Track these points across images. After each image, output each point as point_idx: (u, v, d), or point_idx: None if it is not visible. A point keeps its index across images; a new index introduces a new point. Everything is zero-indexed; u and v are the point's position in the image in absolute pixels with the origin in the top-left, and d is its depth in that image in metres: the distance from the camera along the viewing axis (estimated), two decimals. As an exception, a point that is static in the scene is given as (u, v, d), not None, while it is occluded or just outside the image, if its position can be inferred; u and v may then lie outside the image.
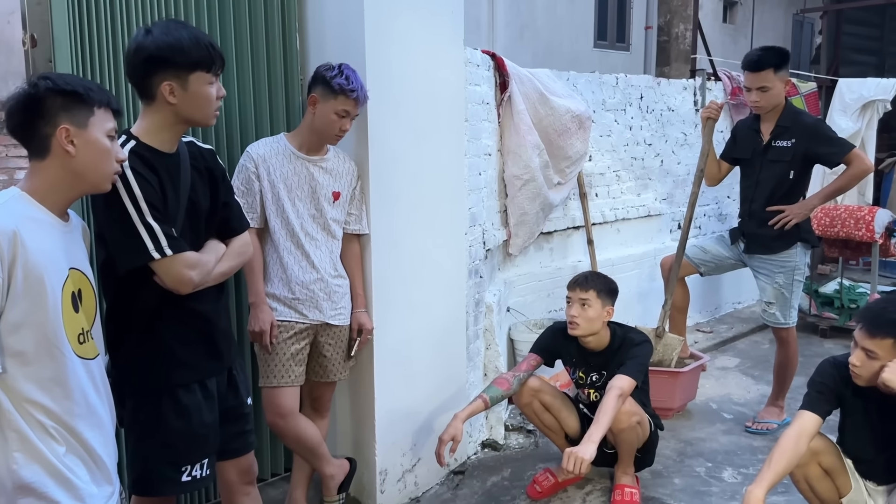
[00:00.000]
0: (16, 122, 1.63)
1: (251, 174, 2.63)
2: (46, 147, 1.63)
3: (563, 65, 4.88)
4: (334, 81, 2.56)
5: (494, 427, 3.70)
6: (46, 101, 1.61)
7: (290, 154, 2.67)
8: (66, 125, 1.62)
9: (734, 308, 6.15)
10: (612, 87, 4.94)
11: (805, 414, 2.45)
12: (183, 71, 1.93)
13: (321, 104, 2.60)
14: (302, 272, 2.68)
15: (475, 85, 3.53)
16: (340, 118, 2.60)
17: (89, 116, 1.66)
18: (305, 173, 2.68)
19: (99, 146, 1.68)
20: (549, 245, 4.61)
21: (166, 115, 1.96)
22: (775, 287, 3.76)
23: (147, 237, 1.89)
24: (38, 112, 1.61)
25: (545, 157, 4.13)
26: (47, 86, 1.62)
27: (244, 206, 2.57)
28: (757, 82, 3.64)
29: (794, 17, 14.36)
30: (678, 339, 4.04)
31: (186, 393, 2.03)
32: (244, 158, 2.67)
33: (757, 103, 3.69)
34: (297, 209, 2.67)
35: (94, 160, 1.67)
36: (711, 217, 5.94)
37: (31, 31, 2.33)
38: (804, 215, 3.69)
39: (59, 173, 1.64)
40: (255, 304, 2.66)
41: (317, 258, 2.70)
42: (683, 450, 3.64)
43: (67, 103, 1.63)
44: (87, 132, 1.65)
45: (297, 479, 2.91)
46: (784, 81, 3.65)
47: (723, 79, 5.94)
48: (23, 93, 1.62)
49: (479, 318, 3.61)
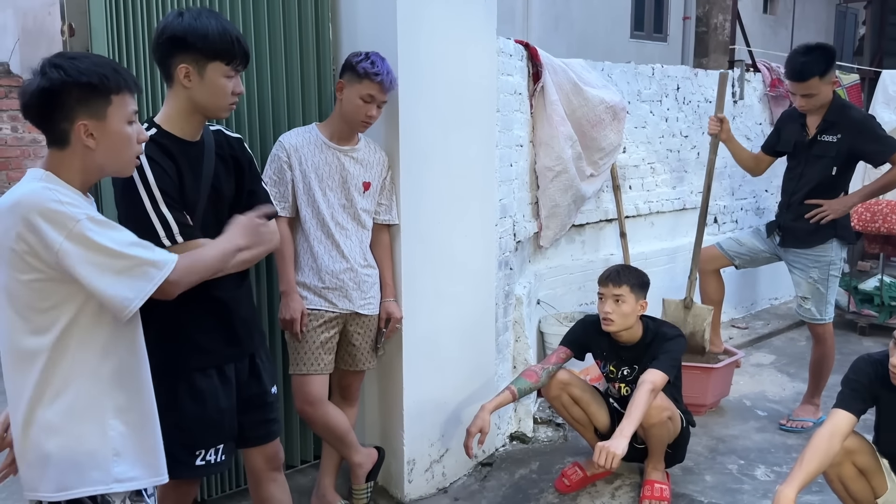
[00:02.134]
0: (33, 114, 1.60)
1: (283, 164, 2.65)
2: (66, 139, 1.59)
3: (599, 56, 4.81)
4: (360, 66, 2.57)
5: (523, 420, 3.69)
6: (62, 96, 1.55)
7: (321, 144, 2.69)
8: (84, 120, 1.57)
9: (770, 304, 6.04)
10: (648, 77, 4.87)
11: (839, 412, 2.39)
12: (202, 58, 1.95)
13: (347, 89, 2.62)
14: (332, 261, 2.70)
15: (508, 75, 3.50)
16: (366, 103, 2.60)
17: (107, 106, 1.60)
18: (336, 163, 2.69)
19: (119, 136, 1.63)
20: (580, 237, 4.57)
21: (183, 101, 1.99)
22: (810, 282, 3.69)
23: (159, 225, 1.93)
24: (54, 106, 1.56)
25: (578, 149, 4.09)
26: (61, 78, 1.55)
27: (276, 195, 2.61)
28: (802, 90, 3.54)
29: (837, 7, 14.03)
30: (707, 309, 3.99)
31: (203, 377, 2.06)
32: (276, 148, 2.68)
33: (803, 107, 3.61)
34: (327, 199, 2.68)
35: (114, 150, 1.64)
36: (749, 211, 5.84)
37: (70, 21, 2.38)
38: (842, 212, 3.60)
39: (79, 163, 1.61)
40: (286, 293, 2.68)
41: (347, 248, 2.71)
42: (715, 447, 3.59)
43: (83, 96, 1.56)
44: (106, 124, 1.60)
45: (326, 466, 2.94)
46: (831, 83, 3.55)
47: (762, 70, 5.82)
48: (36, 86, 1.56)
49: (508, 310, 3.59)
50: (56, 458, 1.59)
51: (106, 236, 1.55)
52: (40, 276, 1.53)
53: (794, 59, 3.58)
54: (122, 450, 1.65)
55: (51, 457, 1.59)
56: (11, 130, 5.27)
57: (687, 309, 4.01)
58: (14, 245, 1.52)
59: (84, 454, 1.60)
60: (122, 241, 1.59)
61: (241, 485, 2.99)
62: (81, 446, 1.60)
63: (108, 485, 1.62)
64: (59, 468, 1.59)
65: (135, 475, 1.67)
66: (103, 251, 1.54)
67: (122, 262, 1.57)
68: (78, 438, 1.60)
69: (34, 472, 1.61)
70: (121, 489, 1.64)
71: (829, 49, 3.58)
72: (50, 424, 1.58)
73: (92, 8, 2.36)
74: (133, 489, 1.67)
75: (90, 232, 1.53)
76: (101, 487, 1.62)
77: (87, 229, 1.53)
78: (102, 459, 1.62)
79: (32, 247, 1.51)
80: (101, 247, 1.54)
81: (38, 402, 1.58)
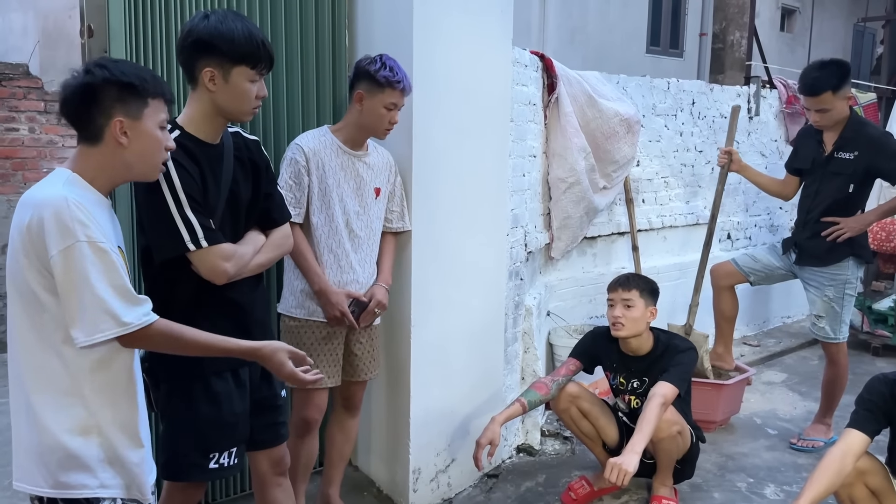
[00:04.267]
0: (70, 108, 1.64)
1: (301, 168, 2.57)
2: (99, 135, 1.64)
3: (614, 70, 4.80)
4: (379, 75, 2.52)
5: (530, 432, 3.66)
6: (102, 92, 1.61)
7: (337, 149, 2.63)
8: (120, 117, 1.62)
9: (783, 322, 5.98)
10: (664, 91, 4.86)
11: (852, 432, 2.36)
12: (227, 61, 1.94)
13: (368, 99, 2.56)
14: (340, 272, 2.63)
15: (522, 85, 3.50)
16: (389, 111, 2.57)
17: (143, 108, 1.66)
18: (352, 169, 2.65)
19: (151, 138, 1.68)
20: (592, 250, 4.55)
21: (206, 103, 1.98)
22: (825, 300, 3.65)
23: (184, 229, 1.92)
24: (93, 101, 1.62)
25: (591, 161, 4.08)
26: (104, 76, 1.62)
27: (291, 200, 2.55)
28: (816, 105, 3.52)
29: (854, 25, 13.98)
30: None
31: (218, 381, 2.05)
32: (293, 151, 2.59)
33: (818, 123, 3.58)
34: (343, 205, 2.62)
35: (144, 151, 1.68)
36: (762, 228, 5.80)
37: (89, 22, 2.39)
38: (859, 230, 3.57)
39: (108, 160, 1.66)
40: (323, 291, 2.56)
41: (356, 257, 2.66)
42: (725, 464, 3.55)
43: (123, 95, 1.63)
44: (141, 124, 1.65)
45: (331, 476, 2.90)
46: (845, 98, 3.52)
47: (778, 87, 5.80)
48: (80, 81, 1.62)
49: (518, 321, 3.57)
50: (50, 454, 1.60)
51: (94, 268, 1.55)
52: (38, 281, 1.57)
53: (807, 73, 3.58)
54: (107, 459, 1.66)
55: (44, 452, 1.60)
56: (29, 131, 5.31)
57: (686, 335, 3.97)
58: (24, 238, 1.56)
59: (75, 456, 1.62)
60: (108, 281, 1.57)
61: (246, 489, 2.98)
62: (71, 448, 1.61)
63: (94, 490, 1.64)
64: (56, 465, 1.61)
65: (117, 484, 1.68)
66: (83, 281, 1.54)
67: (91, 298, 1.56)
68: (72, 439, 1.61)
69: (31, 464, 1.62)
70: (105, 494, 1.65)
71: (843, 64, 3.56)
72: (46, 421, 1.60)
73: (111, 9, 2.37)
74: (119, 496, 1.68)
75: (83, 257, 1.54)
76: (87, 492, 1.63)
77: (82, 253, 1.54)
78: (92, 463, 1.64)
79: (36, 247, 1.55)
80: (83, 276, 1.54)
81: (36, 396, 1.61)
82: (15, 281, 1.61)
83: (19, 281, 1.59)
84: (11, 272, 1.61)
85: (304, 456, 2.73)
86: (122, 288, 1.60)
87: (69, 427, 1.61)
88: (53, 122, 5.41)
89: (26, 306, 1.60)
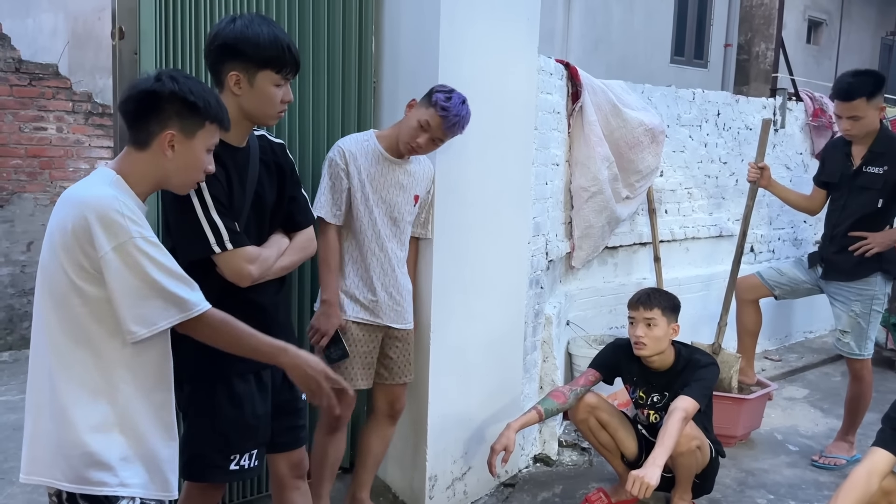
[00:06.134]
0: (130, 108, 1.67)
1: (340, 171, 2.60)
2: (149, 142, 1.67)
3: (638, 79, 4.78)
4: (435, 94, 2.53)
5: (548, 442, 3.64)
6: (165, 102, 1.65)
7: (378, 154, 2.65)
8: (173, 130, 1.66)
9: (805, 337, 5.91)
10: (689, 102, 4.83)
11: (878, 451, 2.32)
12: (252, 65, 1.95)
13: (414, 109, 2.59)
14: (383, 275, 2.67)
15: (547, 93, 3.49)
16: (421, 129, 2.53)
17: (199, 129, 1.70)
18: (392, 175, 2.66)
19: (196, 158, 1.72)
20: (613, 260, 4.52)
21: (232, 107, 1.97)
22: (851, 315, 3.60)
23: (209, 231, 1.93)
24: (154, 108, 1.65)
25: (614, 170, 4.06)
26: (172, 88, 1.65)
27: (329, 201, 2.58)
28: (848, 111, 3.49)
29: (882, 39, 13.83)
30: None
31: (241, 382, 2.05)
32: (334, 153, 2.62)
33: (849, 132, 3.54)
34: (381, 210, 2.64)
35: (185, 169, 1.72)
36: (786, 241, 5.74)
37: (120, 24, 2.42)
38: (887, 246, 3.51)
39: (150, 167, 1.69)
40: (328, 303, 2.60)
41: (396, 261, 2.69)
42: (745, 480, 3.50)
43: (184, 111, 1.66)
44: (192, 143, 1.69)
45: (362, 479, 2.89)
46: (878, 108, 3.48)
47: (804, 99, 5.74)
48: (147, 86, 1.65)
49: (537, 330, 3.56)
50: (71, 449, 1.61)
51: (152, 261, 1.59)
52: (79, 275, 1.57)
53: (842, 79, 3.57)
54: (131, 457, 1.67)
55: (66, 446, 1.61)
56: (56, 131, 5.38)
57: (715, 355, 3.91)
58: (66, 235, 1.57)
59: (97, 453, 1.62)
60: (167, 269, 1.62)
61: (263, 491, 2.98)
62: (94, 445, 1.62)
63: (114, 488, 1.64)
64: (77, 461, 1.61)
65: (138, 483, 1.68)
66: (143, 276, 1.58)
67: (151, 290, 1.59)
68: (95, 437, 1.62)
69: (50, 458, 1.63)
70: (125, 493, 1.65)
71: (878, 74, 3.55)
72: (72, 416, 1.61)
73: (142, 12, 2.40)
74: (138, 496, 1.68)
75: (138, 252, 1.57)
76: (107, 489, 1.63)
77: (136, 248, 1.57)
78: (113, 461, 1.64)
79: (81, 245, 1.56)
80: (143, 271, 1.58)
81: (64, 391, 1.61)
82: (48, 278, 1.62)
83: (54, 278, 1.60)
84: (45, 269, 1.63)
85: (332, 453, 2.73)
86: (180, 275, 1.65)
87: (94, 424, 1.62)
88: (81, 123, 5.48)
89: (57, 304, 1.61)
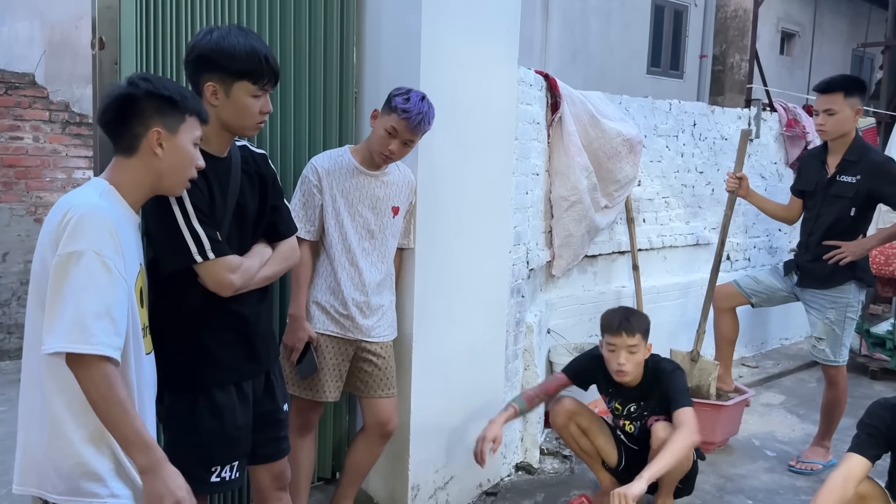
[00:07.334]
0: (110, 117, 1.68)
1: (313, 187, 2.63)
2: (135, 146, 1.68)
3: (615, 89, 4.85)
4: (394, 99, 2.54)
5: (529, 450, 3.66)
6: (144, 103, 1.67)
7: (353, 168, 2.66)
8: (158, 128, 1.68)
9: (781, 344, 5.99)
10: (665, 112, 4.90)
11: (853, 457, 2.36)
12: (228, 77, 1.96)
13: (378, 119, 2.60)
14: (354, 289, 2.67)
15: (526, 104, 3.52)
16: (389, 136, 2.54)
17: (181, 123, 1.72)
18: (367, 188, 2.67)
19: (185, 152, 1.74)
20: (592, 268, 4.56)
21: (212, 118, 1.97)
22: (826, 323, 3.66)
23: (191, 240, 1.93)
24: (133, 111, 1.67)
25: (593, 180, 4.10)
26: (147, 88, 1.67)
27: (302, 217, 2.60)
28: (824, 104, 3.56)
29: (853, 50, 14.09)
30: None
31: (222, 393, 2.04)
32: (307, 170, 2.66)
33: (822, 127, 3.61)
34: (356, 224, 2.66)
35: (177, 165, 1.73)
36: (762, 249, 5.82)
37: (100, 34, 2.41)
38: (860, 254, 3.58)
39: (141, 172, 1.70)
40: (296, 318, 2.64)
41: (369, 275, 2.69)
42: (723, 485, 3.54)
43: (163, 108, 1.68)
44: (177, 138, 1.71)
45: (345, 490, 2.88)
46: (854, 110, 3.55)
47: (778, 110, 5.84)
48: (122, 91, 1.68)
49: (518, 338, 3.58)
50: (63, 460, 1.60)
51: (89, 283, 1.53)
52: None
53: (824, 77, 3.68)
54: (120, 469, 1.66)
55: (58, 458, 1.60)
56: (33, 140, 5.32)
57: (693, 362, 3.97)
58: (53, 236, 1.57)
59: (89, 464, 1.62)
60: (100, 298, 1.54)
61: (244, 502, 2.97)
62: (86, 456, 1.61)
63: (104, 499, 1.63)
64: (69, 472, 1.60)
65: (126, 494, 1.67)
66: (68, 289, 1.53)
67: (70, 313, 1.52)
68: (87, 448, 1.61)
69: (41, 469, 1.62)
70: None
71: (861, 79, 3.67)
72: (64, 427, 1.60)
73: (123, 22, 2.39)
74: None
75: (81, 268, 1.53)
76: (97, 501, 1.62)
77: (80, 263, 1.53)
78: (104, 472, 1.63)
79: (55, 240, 1.56)
80: (71, 284, 1.53)
81: (55, 402, 1.60)
82: (38, 288, 1.61)
83: (42, 287, 1.58)
84: (36, 278, 1.62)
85: (303, 457, 2.74)
86: (109, 314, 1.56)
87: (85, 435, 1.61)
88: (58, 132, 5.42)
89: (41, 306, 1.59)
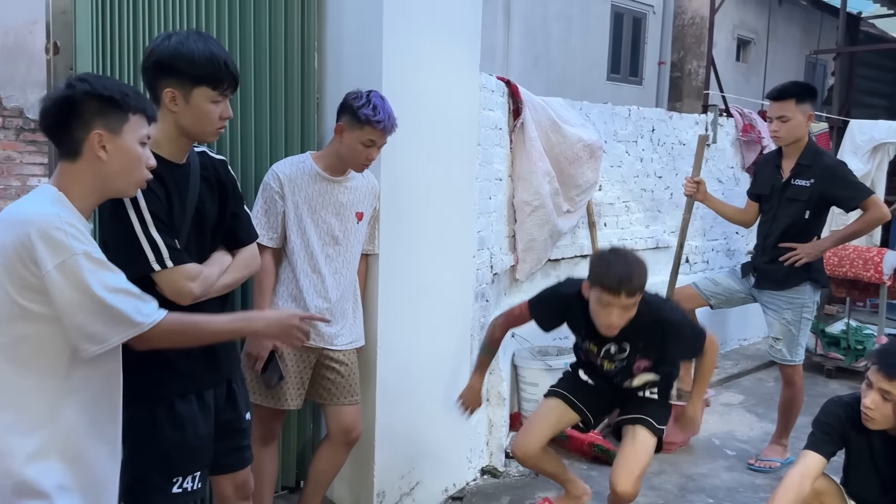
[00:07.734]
0: (50, 121, 1.63)
1: (275, 194, 2.61)
2: (78, 150, 1.62)
3: (576, 95, 4.90)
4: (361, 112, 2.51)
5: (494, 454, 3.67)
6: (83, 104, 1.61)
7: (315, 174, 2.65)
8: (99, 130, 1.61)
9: (740, 344, 6.11)
10: (625, 118, 4.97)
11: (809, 454, 2.42)
12: (187, 82, 1.93)
13: (347, 133, 2.56)
14: (316, 296, 2.65)
15: (489, 110, 3.55)
16: (366, 147, 2.55)
17: (124, 123, 1.65)
18: (330, 195, 2.66)
19: (130, 153, 1.67)
20: (556, 272, 4.60)
21: (170, 124, 1.96)
22: (783, 323, 3.74)
23: (149, 248, 1.89)
24: (73, 114, 1.61)
25: (555, 185, 4.14)
26: (85, 89, 1.61)
27: (264, 224, 2.58)
28: (777, 111, 3.66)
29: (806, 58, 14.43)
30: None
31: (182, 403, 2.01)
32: (269, 177, 2.64)
33: (776, 133, 3.71)
34: (319, 231, 2.65)
35: (124, 167, 1.67)
36: (720, 252, 5.93)
37: (55, 39, 2.36)
38: (815, 256, 3.67)
39: (88, 177, 1.64)
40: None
41: (331, 283, 2.67)
42: (685, 485, 3.60)
43: (103, 108, 1.62)
44: (120, 138, 1.64)
45: (308, 498, 2.84)
46: (806, 115, 3.66)
47: (735, 115, 5.97)
48: (60, 94, 1.62)
49: (483, 343, 3.59)
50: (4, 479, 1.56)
51: (96, 277, 1.55)
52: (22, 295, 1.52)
53: (778, 83, 3.77)
54: (69, 485, 1.61)
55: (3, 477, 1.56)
56: (-15, 147, 5.20)
57: None
58: (7, 256, 1.52)
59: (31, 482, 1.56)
60: (111, 286, 1.57)
61: (207, 514, 2.92)
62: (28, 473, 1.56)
63: None
64: (9, 491, 1.56)
65: None
66: (87, 293, 1.53)
67: (100, 307, 1.56)
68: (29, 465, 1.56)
69: None
70: None
71: (811, 86, 3.79)
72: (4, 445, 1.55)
73: (78, 27, 2.35)
74: None
75: (83, 269, 1.53)
76: None
77: (81, 265, 1.53)
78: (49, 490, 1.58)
79: (24, 263, 1.51)
80: (86, 287, 1.53)
81: None
82: None
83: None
84: None
85: (266, 466, 2.71)
86: (128, 290, 1.61)
87: (30, 451, 1.56)
88: (12, 139, 5.29)
89: (0, 328, 1.55)
